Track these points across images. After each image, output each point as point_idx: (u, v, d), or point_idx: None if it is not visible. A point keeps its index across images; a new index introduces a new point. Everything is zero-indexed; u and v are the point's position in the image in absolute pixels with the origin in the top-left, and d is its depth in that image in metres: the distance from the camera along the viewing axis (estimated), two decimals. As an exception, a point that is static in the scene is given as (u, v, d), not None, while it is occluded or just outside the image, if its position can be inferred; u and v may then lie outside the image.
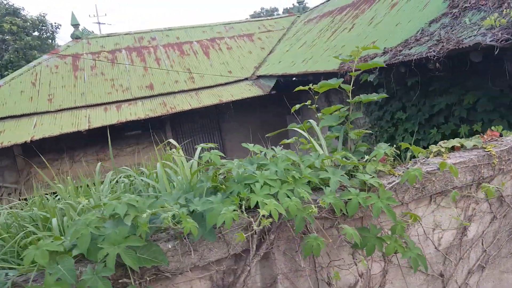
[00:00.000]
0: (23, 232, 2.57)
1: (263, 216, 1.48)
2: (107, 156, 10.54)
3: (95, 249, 1.55)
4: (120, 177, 3.87)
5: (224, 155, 2.01)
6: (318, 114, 2.95)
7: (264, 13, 45.26)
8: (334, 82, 2.59)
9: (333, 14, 9.59)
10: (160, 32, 12.17)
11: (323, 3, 11.89)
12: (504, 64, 4.14)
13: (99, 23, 36.34)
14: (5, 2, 22.63)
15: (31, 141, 8.03)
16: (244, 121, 11.62)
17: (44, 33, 24.85)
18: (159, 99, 9.75)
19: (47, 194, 3.59)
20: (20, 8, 23.12)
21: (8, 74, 17.66)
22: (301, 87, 2.86)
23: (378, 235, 1.77)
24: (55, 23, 26.81)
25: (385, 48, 5.68)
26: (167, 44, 11.66)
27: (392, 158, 2.08)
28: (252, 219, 1.56)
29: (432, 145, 2.23)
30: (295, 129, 2.55)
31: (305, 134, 2.42)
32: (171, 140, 2.46)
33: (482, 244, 2.38)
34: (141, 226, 1.51)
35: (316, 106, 3.06)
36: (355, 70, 2.61)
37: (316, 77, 7.43)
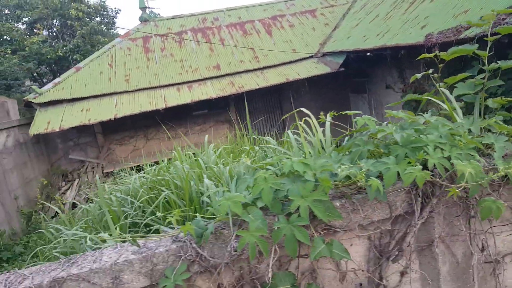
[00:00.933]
0: (163, 195, 2.80)
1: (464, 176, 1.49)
2: (176, 134, 11.00)
3: (275, 202, 1.66)
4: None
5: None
6: (440, 84, 2.85)
7: None
8: (469, 47, 2.47)
9: (408, -16, 9.06)
10: (222, 12, 12.28)
11: (392, -26, 11.23)
12: None
13: (148, 7, 37.58)
14: (70, -10, 23.90)
15: (114, 118, 8.58)
16: (305, 100, 11.54)
17: (105, 18, 26.08)
18: (227, 79, 9.94)
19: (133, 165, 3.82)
20: (83, -5, 24.36)
21: (77, 58, 18.82)
22: (426, 55, 2.76)
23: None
24: (115, 8, 28.02)
25: (481, 17, 5.30)
26: (229, 24, 11.76)
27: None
28: (439, 180, 1.58)
29: None
30: (432, 99, 2.47)
31: (444, 104, 2.35)
32: (303, 109, 2.50)
33: None
34: (324, 182, 1.58)
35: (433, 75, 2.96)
36: (493, 35, 2.46)
37: (396, 50, 7.16)
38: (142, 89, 9.67)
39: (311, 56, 10.37)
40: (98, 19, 25.80)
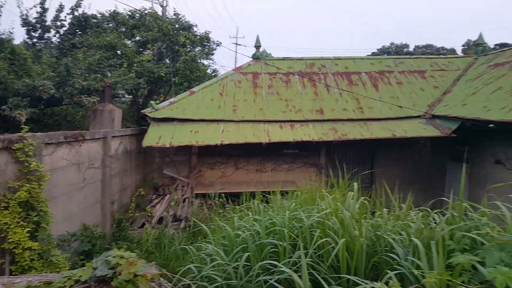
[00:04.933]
0: (340, 244, 2.80)
1: None
2: (264, 168, 11.26)
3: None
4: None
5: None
6: None
7: (394, 49, 44.22)
8: None
9: (541, 61, 8.64)
10: (329, 60, 12.67)
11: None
12: None
13: (236, 44, 40.69)
14: (182, 19, 26.47)
15: (220, 144, 9.03)
16: (398, 160, 11.24)
17: (206, 48, 28.18)
18: (329, 124, 10.07)
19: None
20: (194, 25, 26.75)
21: (175, 81, 20.44)
22: None
23: None
24: (217, 40, 30.30)
25: None
26: (336, 73, 12.06)
27: None
28: None
29: None
30: None
31: None
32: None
33: None
34: None
35: None
36: None
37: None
38: (247, 120, 10.14)
39: (419, 116, 10.15)
40: (199, 48, 28.10)
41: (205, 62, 26.45)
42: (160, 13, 25.73)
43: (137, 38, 23.76)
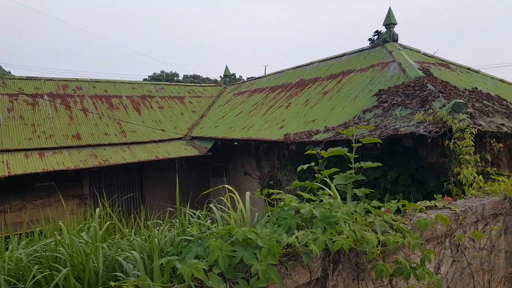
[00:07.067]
0: (63, 273, 2.48)
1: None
2: (11, 208, 9.21)
3: (230, 268, 1.84)
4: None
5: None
6: (319, 175, 3.59)
7: (165, 76, 48.34)
8: (342, 149, 3.30)
9: (266, 91, 10.91)
10: (86, 82, 11.86)
11: (250, 80, 13.35)
12: (419, 150, 5.54)
13: None
14: None
15: None
16: (166, 180, 11.63)
17: None
18: (88, 150, 9.27)
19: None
20: None
21: None
22: (311, 151, 3.50)
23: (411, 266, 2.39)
24: None
25: (325, 126, 6.85)
26: (94, 96, 11.37)
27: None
28: (355, 246, 2.05)
29: (416, 204, 3.06)
30: (322, 186, 3.10)
31: (331, 191, 3.00)
32: (227, 186, 2.79)
33: (446, 281, 3.20)
34: (274, 248, 1.87)
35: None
36: (357, 142, 3.39)
37: (260, 143, 8.28)
38: (-24, 151, 8.05)
39: (180, 138, 10.81)
40: None
41: None
42: None
43: None
